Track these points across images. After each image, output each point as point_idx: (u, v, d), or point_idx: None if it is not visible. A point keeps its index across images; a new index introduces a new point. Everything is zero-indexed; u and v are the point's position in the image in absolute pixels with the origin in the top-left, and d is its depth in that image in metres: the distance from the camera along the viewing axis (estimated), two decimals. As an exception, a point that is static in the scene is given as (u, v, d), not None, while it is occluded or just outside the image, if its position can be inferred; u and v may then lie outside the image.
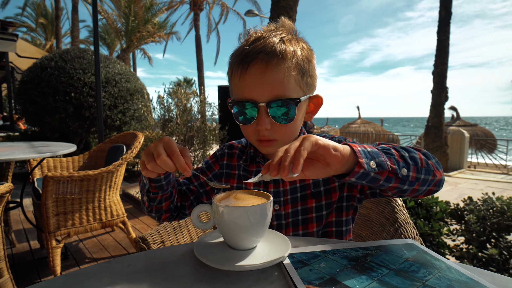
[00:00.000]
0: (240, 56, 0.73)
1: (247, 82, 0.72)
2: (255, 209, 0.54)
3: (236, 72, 0.74)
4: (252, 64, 0.71)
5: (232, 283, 0.50)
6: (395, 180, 0.59)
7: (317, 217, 0.80)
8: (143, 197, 0.80)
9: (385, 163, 0.57)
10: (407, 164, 0.60)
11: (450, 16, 8.55)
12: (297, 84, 0.73)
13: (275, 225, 0.81)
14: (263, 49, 0.70)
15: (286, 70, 0.71)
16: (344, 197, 0.81)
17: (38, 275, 2.20)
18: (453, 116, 12.07)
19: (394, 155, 0.60)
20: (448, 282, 0.48)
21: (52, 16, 22.21)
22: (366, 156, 0.56)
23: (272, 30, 0.76)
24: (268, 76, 0.70)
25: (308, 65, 0.75)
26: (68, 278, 0.52)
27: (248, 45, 0.73)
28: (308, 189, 0.81)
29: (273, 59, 0.70)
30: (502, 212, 1.73)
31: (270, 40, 0.72)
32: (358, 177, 0.56)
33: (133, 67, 27.05)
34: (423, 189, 0.63)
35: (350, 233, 0.83)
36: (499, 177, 7.46)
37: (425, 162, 0.63)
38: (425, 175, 0.61)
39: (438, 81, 8.65)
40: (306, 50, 0.77)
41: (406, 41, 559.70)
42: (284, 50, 0.71)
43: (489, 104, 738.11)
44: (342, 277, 0.49)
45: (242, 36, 0.79)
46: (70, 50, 5.56)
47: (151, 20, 16.71)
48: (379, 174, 0.57)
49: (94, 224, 2.18)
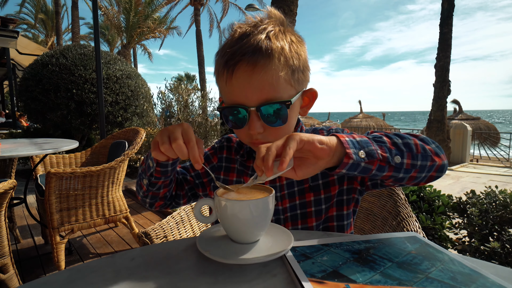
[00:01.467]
0: (225, 57, 0.68)
1: (234, 86, 0.68)
2: (257, 203, 0.54)
3: (222, 76, 0.69)
4: (237, 66, 0.66)
5: (235, 276, 0.50)
6: (388, 169, 0.57)
7: (316, 211, 0.78)
8: (143, 180, 0.78)
9: (375, 151, 0.55)
10: (400, 151, 0.58)
11: (453, 8, 8.45)
12: (288, 83, 0.69)
13: (273, 220, 0.80)
14: (248, 49, 0.65)
15: (274, 71, 0.66)
16: (344, 190, 0.80)
17: (43, 270, 2.22)
18: (456, 109, 12.00)
19: (386, 142, 0.59)
20: (451, 274, 0.47)
21: (52, 12, 22.14)
22: (354, 146, 0.54)
23: (258, 24, 0.70)
24: (255, 78, 0.65)
25: (298, 60, 0.70)
26: (72, 272, 0.52)
27: (233, 43, 0.68)
28: (306, 183, 0.80)
29: (260, 59, 0.65)
30: (504, 205, 1.72)
31: (255, 38, 0.67)
32: (349, 168, 0.54)
33: (133, 63, 27.00)
34: (423, 176, 0.61)
35: (351, 227, 0.82)
36: (501, 171, 7.44)
37: (422, 148, 0.60)
38: (422, 161, 0.59)
39: (441, 75, 8.59)
40: (296, 44, 0.71)
41: (408, 35, 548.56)
42: (271, 49, 0.66)
43: (491, 97, 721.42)
44: (344, 270, 0.49)
45: (227, 30, 0.74)
46: (71, 47, 5.55)
47: (151, 16, 16.64)
48: (370, 163, 0.55)
49: (98, 220, 2.19)
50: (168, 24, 22.06)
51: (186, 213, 1.09)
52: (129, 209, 2.43)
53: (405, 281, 0.46)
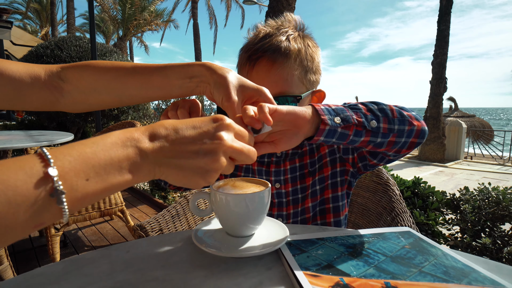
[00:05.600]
0: (249, 52, 0.78)
1: (253, 78, 0.76)
2: (253, 197, 0.54)
3: (244, 68, 0.79)
4: (259, 61, 0.76)
5: (230, 269, 0.50)
6: (365, 134, 0.59)
7: (312, 192, 0.84)
8: None
9: (351, 117, 0.57)
10: (376, 116, 0.60)
11: (451, 5, 8.45)
12: (300, 81, 0.78)
13: (276, 202, 0.85)
14: (270, 47, 0.75)
15: (290, 68, 0.75)
16: (337, 172, 0.84)
17: (38, 262, 2.22)
18: (451, 107, 12.07)
19: (361, 109, 0.60)
20: (444, 269, 0.48)
21: (47, 2, 21.75)
22: (329, 113, 0.56)
23: (280, 27, 0.80)
24: (273, 73, 0.75)
25: (311, 63, 0.79)
26: (67, 263, 0.52)
27: (256, 41, 0.78)
28: (305, 168, 0.85)
29: (279, 57, 0.75)
30: (497, 202, 1.75)
31: (277, 39, 0.76)
32: (326, 134, 0.56)
33: (130, 55, 26.70)
34: (402, 141, 0.63)
35: (346, 208, 0.86)
36: (495, 168, 7.53)
37: (398, 113, 0.62)
38: (399, 126, 0.61)
39: (438, 72, 8.61)
40: (311, 48, 0.80)
41: (405, 31, 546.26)
42: (289, 50, 0.75)
43: (487, 95, 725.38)
44: (339, 264, 0.50)
45: (251, 30, 0.84)
46: (66, 38, 5.48)
47: (148, 8, 16.43)
48: (346, 128, 0.57)
49: (93, 213, 2.19)
50: (165, 17, 21.82)
51: (182, 206, 1.09)
52: (125, 203, 2.43)
53: (398, 275, 0.46)
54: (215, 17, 25.02)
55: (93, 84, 0.56)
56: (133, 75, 0.55)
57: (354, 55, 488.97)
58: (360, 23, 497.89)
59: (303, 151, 0.87)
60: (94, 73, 0.56)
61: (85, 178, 0.31)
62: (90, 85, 0.57)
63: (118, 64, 0.56)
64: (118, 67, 0.56)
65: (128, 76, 0.55)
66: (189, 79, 0.55)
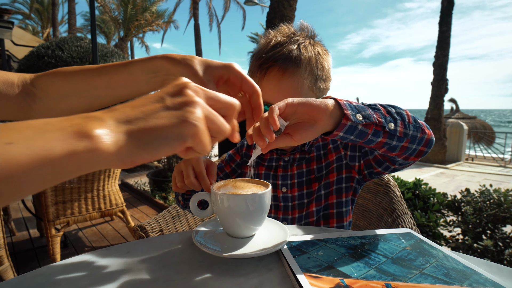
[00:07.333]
0: (260, 61, 0.79)
1: (264, 86, 0.77)
2: (254, 197, 0.54)
3: (255, 76, 0.80)
4: (269, 70, 0.77)
5: (230, 270, 0.50)
6: (383, 135, 0.58)
7: (317, 197, 0.84)
8: (178, 197, 0.86)
9: (372, 115, 0.56)
10: (394, 119, 0.59)
11: (452, 7, 8.45)
12: (310, 90, 0.79)
13: (282, 206, 0.86)
14: (281, 57, 0.76)
15: (300, 78, 0.77)
16: (343, 178, 0.84)
17: (38, 263, 2.22)
18: (452, 108, 12.05)
19: (380, 110, 0.60)
20: (445, 271, 0.48)
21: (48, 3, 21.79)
22: (352, 109, 0.55)
23: (291, 35, 0.81)
24: (284, 82, 0.76)
25: (321, 71, 0.80)
26: (68, 264, 0.52)
27: (267, 50, 0.79)
28: (312, 173, 0.86)
29: (289, 67, 0.76)
30: (498, 204, 1.74)
31: (288, 48, 0.77)
32: (346, 130, 0.54)
33: (131, 56, 26.75)
34: (413, 148, 0.63)
35: (350, 215, 0.86)
36: (496, 170, 7.50)
37: (413, 119, 0.62)
38: (413, 132, 0.61)
39: (439, 73, 8.61)
40: (321, 56, 0.81)
41: (406, 32, 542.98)
42: (300, 59, 0.76)
43: (488, 96, 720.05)
44: (340, 265, 0.50)
45: (263, 37, 0.85)
46: (67, 39, 5.48)
47: (149, 9, 16.46)
48: (367, 127, 0.55)
49: (93, 213, 2.19)
50: (166, 18, 21.84)
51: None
52: (125, 203, 2.43)
53: (399, 277, 0.46)
54: (217, 18, 25.07)
55: (63, 89, 0.56)
56: (99, 76, 0.54)
57: (355, 56, 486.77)
58: (361, 24, 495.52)
59: (310, 156, 0.87)
60: (63, 78, 0.55)
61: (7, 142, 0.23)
62: (60, 91, 0.56)
63: (85, 67, 0.55)
64: (85, 70, 0.55)
65: (95, 77, 0.54)
66: (154, 74, 0.52)
